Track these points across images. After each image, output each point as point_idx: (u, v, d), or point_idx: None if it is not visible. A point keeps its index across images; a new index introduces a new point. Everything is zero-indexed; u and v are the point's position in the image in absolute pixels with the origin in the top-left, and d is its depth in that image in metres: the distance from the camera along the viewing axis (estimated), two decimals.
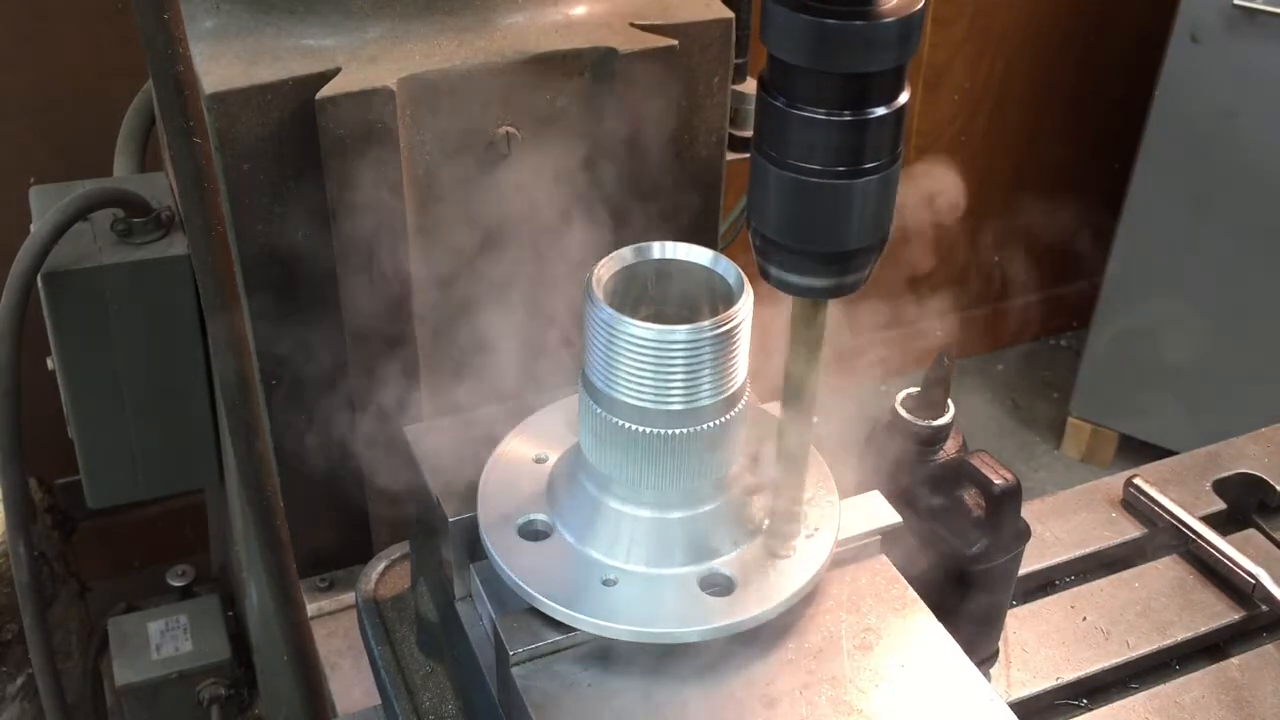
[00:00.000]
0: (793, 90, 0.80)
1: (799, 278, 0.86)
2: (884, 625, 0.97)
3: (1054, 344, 4.17)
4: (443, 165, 1.42)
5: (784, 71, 0.80)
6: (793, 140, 0.81)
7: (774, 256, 0.86)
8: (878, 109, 0.80)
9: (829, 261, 0.85)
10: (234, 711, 2.05)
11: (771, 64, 0.81)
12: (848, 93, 0.79)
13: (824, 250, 0.84)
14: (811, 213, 0.83)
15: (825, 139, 0.80)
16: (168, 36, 1.02)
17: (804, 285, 0.86)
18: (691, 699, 0.91)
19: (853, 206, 0.82)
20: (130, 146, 1.91)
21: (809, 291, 0.87)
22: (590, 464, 0.96)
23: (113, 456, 1.73)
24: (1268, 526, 1.41)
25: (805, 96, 0.79)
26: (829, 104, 0.79)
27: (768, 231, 0.85)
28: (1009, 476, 1.10)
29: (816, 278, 0.86)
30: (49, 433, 1.82)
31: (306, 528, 1.55)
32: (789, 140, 0.81)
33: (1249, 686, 1.22)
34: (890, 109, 0.80)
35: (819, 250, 0.84)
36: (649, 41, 1.42)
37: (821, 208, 0.82)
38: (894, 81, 0.80)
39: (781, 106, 0.80)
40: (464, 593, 1.04)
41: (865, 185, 0.82)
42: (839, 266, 0.85)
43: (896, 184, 0.84)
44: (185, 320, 1.65)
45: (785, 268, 0.86)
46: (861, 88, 0.79)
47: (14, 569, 1.71)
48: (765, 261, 0.87)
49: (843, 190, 0.81)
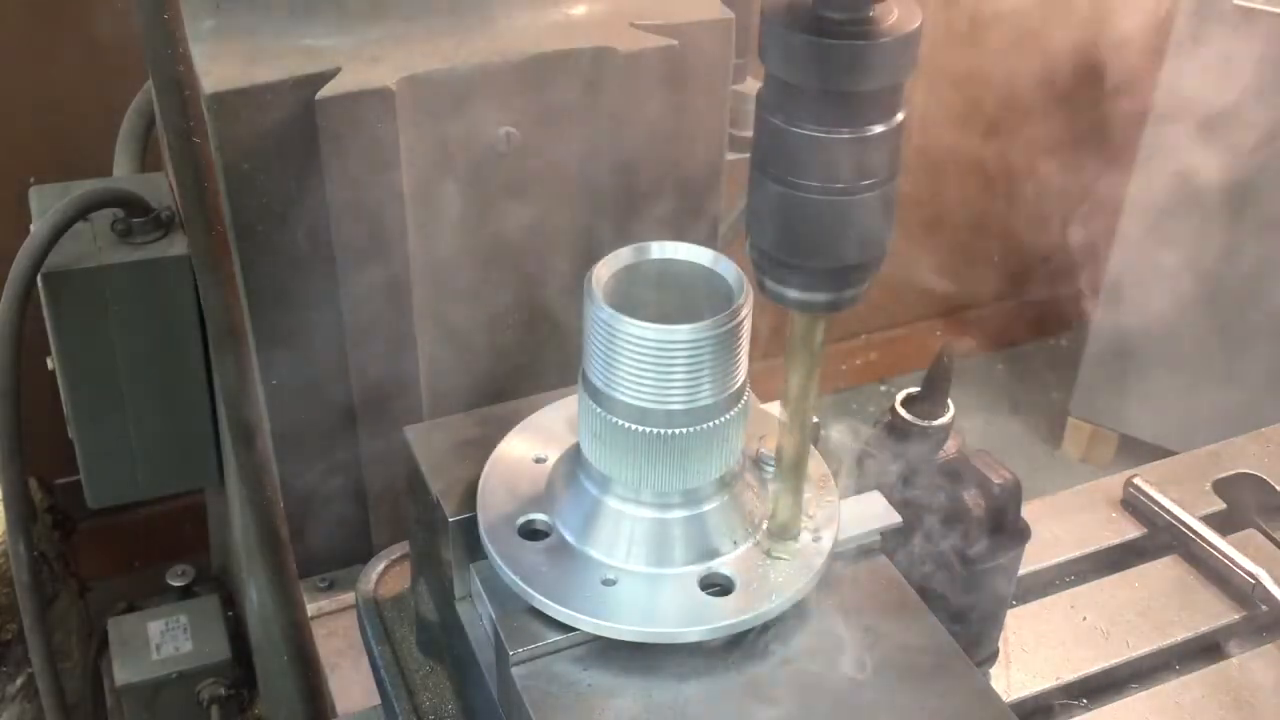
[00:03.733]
0: (791, 109, 0.80)
1: (797, 292, 0.86)
2: (884, 625, 0.97)
3: (1054, 344, 4.17)
4: (443, 165, 1.42)
5: (782, 90, 0.81)
6: (791, 158, 0.82)
7: (772, 271, 0.86)
8: (876, 127, 0.81)
9: (827, 277, 0.85)
10: (234, 711, 2.05)
11: (769, 83, 0.82)
12: (846, 111, 0.80)
13: (822, 266, 0.84)
14: (810, 229, 0.83)
15: (824, 156, 0.81)
16: (168, 36, 1.02)
17: (802, 300, 0.87)
18: (691, 699, 0.91)
19: (851, 223, 0.83)
20: (130, 146, 1.91)
21: (807, 306, 0.87)
22: (590, 464, 0.96)
23: (113, 456, 1.73)
24: (1268, 526, 1.41)
25: (804, 115, 0.80)
26: (827, 122, 0.80)
27: (766, 246, 0.85)
28: (1009, 476, 1.10)
29: (814, 292, 0.86)
30: (49, 433, 1.82)
31: (306, 528, 1.55)
32: (787, 158, 0.82)
33: (1249, 686, 1.22)
34: (888, 126, 0.81)
35: (817, 266, 0.85)
36: (649, 41, 1.42)
37: (820, 224, 0.83)
38: (891, 99, 0.81)
39: (779, 124, 0.81)
40: (464, 593, 1.04)
41: (863, 202, 0.82)
42: (837, 282, 0.86)
43: (894, 200, 0.84)
44: (185, 320, 1.65)
45: (783, 282, 0.86)
46: (859, 106, 0.80)
47: (14, 569, 1.70)
48: (763, 275, 0.87)
49: (841, 207, 0.82)
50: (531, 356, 1.58)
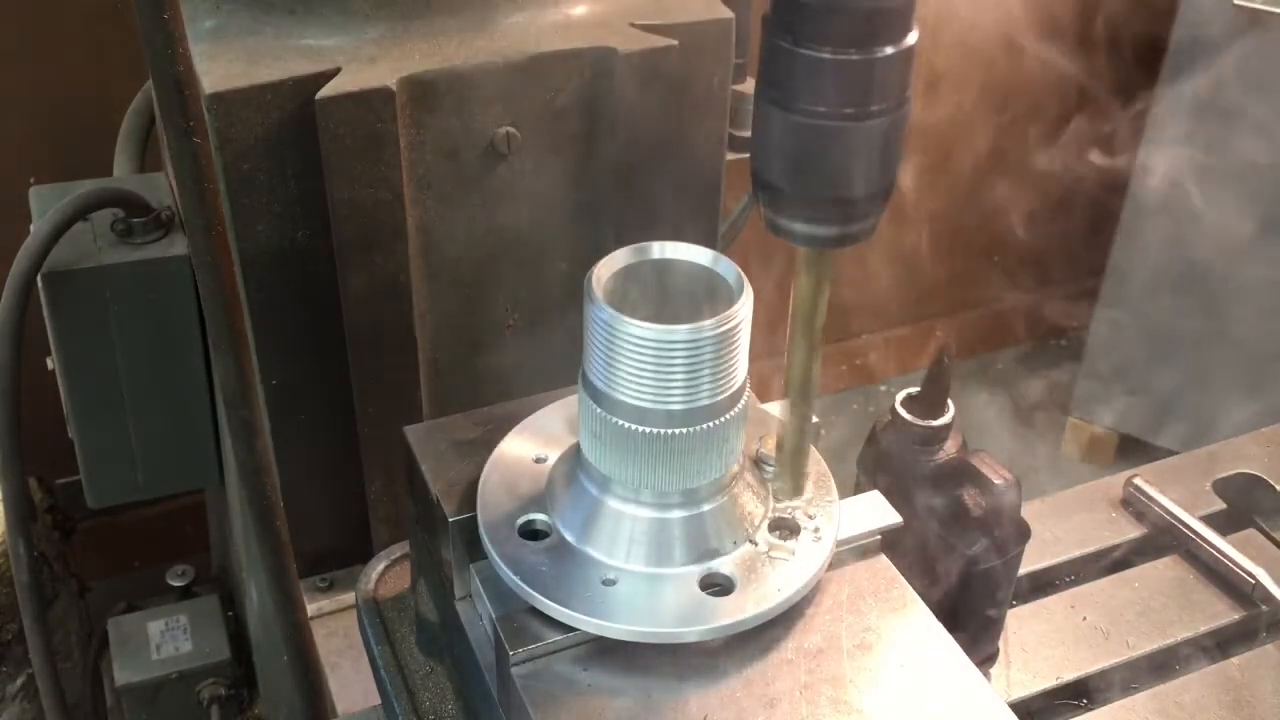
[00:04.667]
0: (799, 29, 0.77)
1: (804, 226, 0.82)
2: (884, 625, 0.97)
3: (1054, 344, 4.17)
4: (443, 165, 1.42)
5: (790, 9, 0.77)
6: (798, 82, 0.78)
7: (779, 204, 0.82)
8: (885, 48, 0.77)
9: (834, 208, 0.81)
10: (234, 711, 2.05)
11: (776, 2, 0.79)
12: (855, 30, 0.76)
13: (829, 196, 0.80)
14: (817, 157, 0.79)
15: (831, 79, 0.77)
16: (168, 36, 1.02)
17: (809, 234, 0.83)
18: (691, 699, 0.91)
19: (859, 150, 0.79)
20: (130, 146, 1.91)
21: (814, 241, 0.83)
22: (590, 464, 0.96)
23: (113, 456, 1.73)
24: (1268, 526, 1.41)
25: (812, 35, 0.77)
26: (836, 42, 0.76)
27: (772, 178, 0.81)
28: (1009, 476, 1.10)
29: (822, 225, 0.82)
30: (49, 433, 1.82)
31: (306, 528, 1.55)
32: (794, 82, 0.78)
33: (1249, 686, 1.22)
34: (898, 49, 0.78)
35: (824, 196, 0.81)
36: (649, 41, 1.42)
37: (827, 152, 0.78)
38: (902, 20, 0.78)
39: (787, 46, 0.78)
40: (464, 593, 1.04)
41: (872, 128, 0.78)
42: (844, 214, 0.82)
43: (904, 128, 0.81)
44: (185, 320, 1.65)
45: (790, 216, 0.82)
46: (869, 25, 0.76)
47: (14, 569, 1.71)
48: (770, 210, 0.83)
49: (849, 133, 0.78)
50: (531, 356, 1.58)
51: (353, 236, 1.40)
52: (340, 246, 1.41)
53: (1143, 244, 3.32)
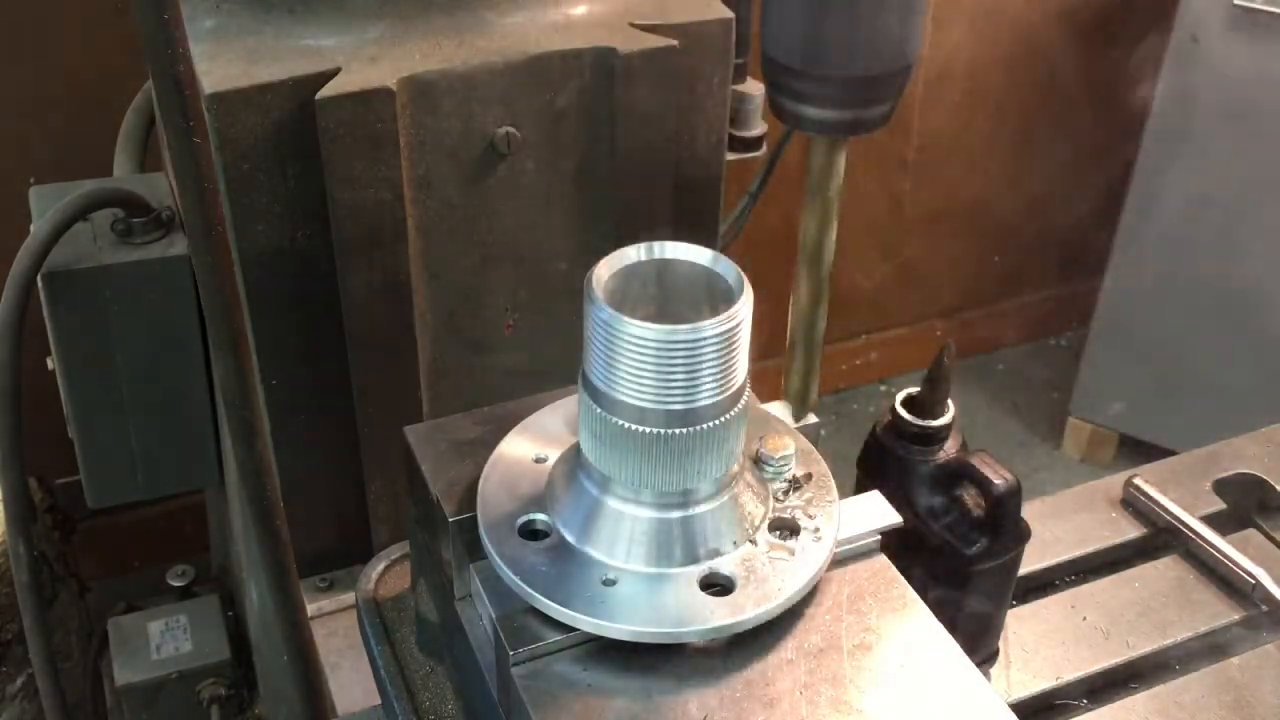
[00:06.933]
0: None
1: (815, 110, 0.79)
2: (884, 625, 0.97)
3: (1054, 344, 4.17)
4: (443, 165, 1.42)
5: None
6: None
7: (789, 88, 0.78)
8: None
9: (847, 90, 0.77)
10: (234, 711, 2.05)
11: None
12: None
13: (841, 75, 0.77)
14: (828, 31, 0.75)
15: None
16: (168, 36, 1.02)
17: (821, 119, 0.79)
18: (691, 699, 0.91)
19: (871, 23, 0.75)
20: (130, 146, 1.91)
21: (826, 127, 0.79)
22: (590, 464, 0.96)
23: (113, 456, 1.73)
24: (1268, 526, 1.41)
25: None
26: None
27: (780, 57, 0.78)
28: (1009, 476, 1.10)
29: (834, 109, 0.78)
30: (49, 433, 1.82)
31: (306, 528, 1.55)
32: None
33: (1249, 686, 1.22)
34: None
35: (836, 75, 0.77)
36: (649, 41, 1.42)
37: (839, 25, 0.75)
38: None
39: None
40: (464, 593, 1.04)
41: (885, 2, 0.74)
42: (857, 97, 0.78)
43: (921, 7, 0.77)
44: (185, 320, 1.65)
45: (801, 100, 0.79)
46: None
47: (14, 569, 1.70)
48: (780, 95, 0.79)
49: (862, 6, 0.74)
50: (531, 356, 1.58)
51: (353, 236, 1.40)
52: (340, 247, 1.41)
53: (1143, 244, 3.32)
